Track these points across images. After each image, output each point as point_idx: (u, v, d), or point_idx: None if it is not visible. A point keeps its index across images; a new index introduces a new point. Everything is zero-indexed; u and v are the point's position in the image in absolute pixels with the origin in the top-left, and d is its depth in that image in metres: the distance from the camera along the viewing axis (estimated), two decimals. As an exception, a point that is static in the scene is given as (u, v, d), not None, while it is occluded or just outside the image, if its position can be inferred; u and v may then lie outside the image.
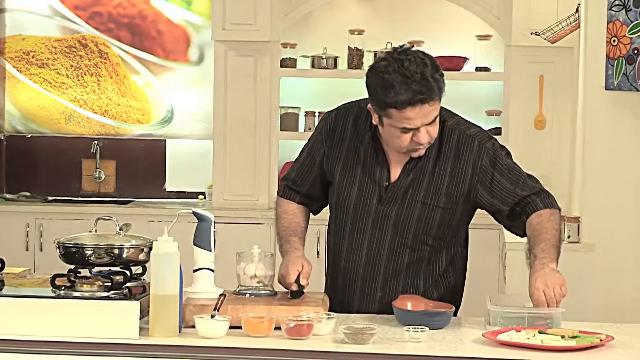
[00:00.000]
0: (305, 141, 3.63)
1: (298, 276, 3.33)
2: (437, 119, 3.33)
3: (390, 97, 3.23)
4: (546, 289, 3.21)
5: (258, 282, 3.33)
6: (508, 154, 3.49)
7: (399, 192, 3.42)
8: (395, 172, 3.43)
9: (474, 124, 3.51)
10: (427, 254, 3.48)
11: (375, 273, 3.46)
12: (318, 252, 6.44)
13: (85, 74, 7.53)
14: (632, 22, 5.00)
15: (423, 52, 3.31)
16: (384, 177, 3.43)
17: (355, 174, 3.46)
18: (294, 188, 3.62)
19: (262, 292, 3.32)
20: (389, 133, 3.33)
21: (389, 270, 3.45)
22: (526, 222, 3.44)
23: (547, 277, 3.25)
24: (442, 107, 3.41)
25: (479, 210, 7.37)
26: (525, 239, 3.46)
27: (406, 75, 3.22)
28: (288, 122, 7.08)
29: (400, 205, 3.42)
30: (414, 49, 3.33)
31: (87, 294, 3.05)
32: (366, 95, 3.40)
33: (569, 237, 5.31)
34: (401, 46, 3.35)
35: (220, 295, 3.12)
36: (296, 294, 3.29)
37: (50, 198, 7.35)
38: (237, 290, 3.34)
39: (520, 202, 3.44)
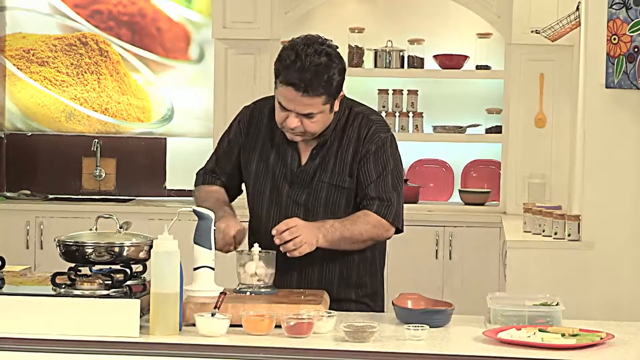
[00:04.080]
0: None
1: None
2: (321, 117, 3.43)
3: (281, 67, 3.40)
4: (288, 232, 3.31)
5: (258, 280, 3.33)
6: (396, 151, 3.57)
7: (307, 176, 3.53)
8: (305, 157, 3.55)
9: (380, 116, 3.66)
10: None
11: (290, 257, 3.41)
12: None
13: (85, 72, 7.53)
14: (632, 20, 4.99)
15: (334, 51, 3.42)
16: (295, 162, 3.55)
17: (269, 161, 3.57)
18: (214, 175, 3.71)
19: (263, 290, 3.33)
20: (275, 104, 3.48)
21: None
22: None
23: (306, 228, 3.34)
24: (349, 99, 3.57)
25: (478, 209, 7.38)
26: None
27: (301, 58, 3.36)
28: (288, 120, 7.07)
29: (309, 189, 3.53)
30: (331, 44, 3.44)
31: (87, 292, 3.05)
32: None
33: (569, 235, 5.30)
34: (322, 38, 3.45)
35: (221, 293, 3.12)
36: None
37: (50, 196, 7.35)
38: (238, 288, 3.35)
39: (368, 197, 3.50)
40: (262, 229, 3.55)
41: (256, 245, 3.36)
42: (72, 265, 3.17)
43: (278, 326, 3.03)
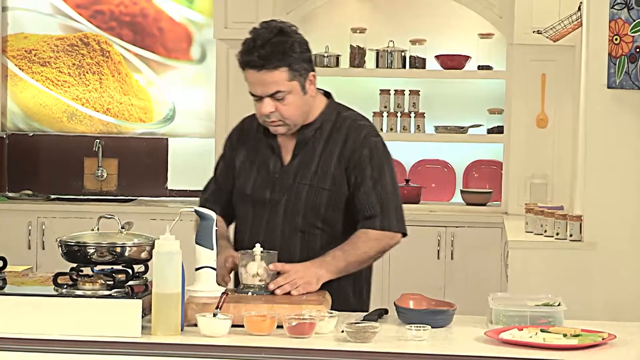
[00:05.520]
0: None
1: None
2: (293, 99, 3.39)
3: (240, 55, 3.41)
4: (282, 277, 3.30)
5: (260, 281, 3.33)
6: (389, 154, 3.54)
7: (289, 177, 3.50)
8: (286, 158, 3.53)
9: (369, 121, 3.60)
10: (318, 238, 3.50)
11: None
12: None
13: (87, 73, 7.53)
14: (634, 20, 4.99)
15: (290, 28, 3.40)
16: (277, 166, 3.52)
17: (252, 170, 3.56)
18: (211, 205, 3.58)
19: (264, 290, 3.32)
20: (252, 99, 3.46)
21: (284, 256, 3.43)
22: (357, 230, 3.47)
23: (303, 269, 3.33)
24: (339, 104, 3.55)
25: (480, 209, 7.37)
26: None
27: (254, 39, 3.37)
28: (290, 120, 7.07)
29: (289, 190, 3.49)
30: (288, 24, 3.42)
31: (89, 293, 3.05)
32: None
33: (570, 235, 5.30)
34: (278, 20, 3.45)
35: (222, 293, 3.12)
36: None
37: (52, 196, 7.34)
38: (239, 288, 3.35)
39: (367, 211, 3.47)
40: (246, 236, 3.55)
41: (258, 245, 3.35)
42: (74, 265, 3.17)
43: (280, 326, 3.03)
